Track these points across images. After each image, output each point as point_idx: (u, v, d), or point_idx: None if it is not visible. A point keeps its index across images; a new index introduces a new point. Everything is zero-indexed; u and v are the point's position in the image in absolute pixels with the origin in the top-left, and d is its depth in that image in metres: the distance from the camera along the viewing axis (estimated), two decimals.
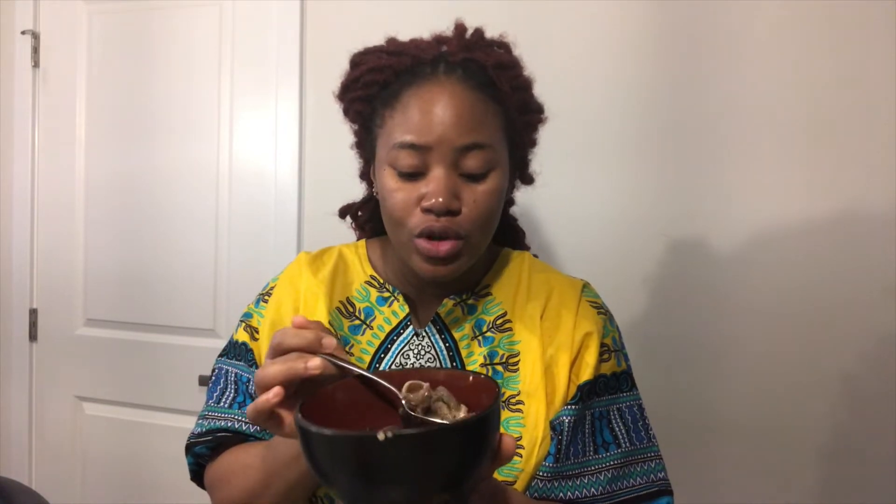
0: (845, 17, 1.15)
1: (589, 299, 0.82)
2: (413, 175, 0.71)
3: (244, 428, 0.78)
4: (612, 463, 0.76)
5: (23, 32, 1.71)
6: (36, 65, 1.72)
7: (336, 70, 0.81)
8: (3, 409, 1.79)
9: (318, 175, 1.51)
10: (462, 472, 0.48)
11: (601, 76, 1.28)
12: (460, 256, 0.72)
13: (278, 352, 0.58)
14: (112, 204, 1.67)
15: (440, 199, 0.68)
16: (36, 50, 1.72)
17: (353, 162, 1.51)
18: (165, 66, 1.61)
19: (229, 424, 0.78)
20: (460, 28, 0.76)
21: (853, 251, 1.16)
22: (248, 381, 0.81)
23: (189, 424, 1.71)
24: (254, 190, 1.55)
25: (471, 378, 0.59)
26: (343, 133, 0.86)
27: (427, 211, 0.70)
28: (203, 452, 0.81)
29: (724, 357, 1.23)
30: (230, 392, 0.81)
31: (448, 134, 0.69)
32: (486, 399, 0.54)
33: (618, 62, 1.27)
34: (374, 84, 0.75)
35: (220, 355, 0.85)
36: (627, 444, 0.77)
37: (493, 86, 0.73)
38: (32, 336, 1.76)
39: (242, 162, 1.57)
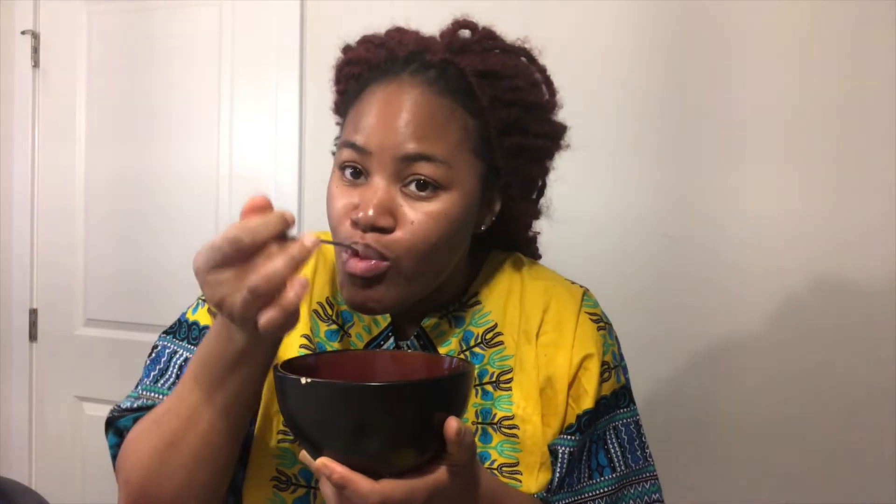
0: (845, 17, 1.15)
1: (588, 310, 0.74)
2: (354, 181, 0.63)
3: None
4: (605, 489, 0.70)
5: (23, 32, 1.71)
6: (36, 65, 1.72)
7: None
8: (3, 409, 1.79)
9: (318, 175, 1.50)
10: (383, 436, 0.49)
11: (602, 77, 1.28)
12: (382, 283, 0.62)
13: (248, 249, 0.50)
14: (112, 204, 1.67)
15: (368, 213, 0.59)
16: (36, 50, 1.71)
17: None
18: (165, 66, 1.61)
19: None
20: (456, 25, 0.68)
21: (854, 250, 1.16)
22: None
23: None
24: (254, 190, 1.55)
25: (448, 363, 0.59)
26: None
27: (354, 224, 0.61)
28: (129, 425, 0.69)
29: (725, 356, 1.23)
30: (171, 375, 0.71)
31: (392, 139, 0.60)
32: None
33: (619, 63, 1.27)
34: (350, 77, 0.69)
35: (167, 333, 0.74)
36: (623, 468, 0.72)
37: (471, 95, 0.64)
38: (32, 336, 1.76)
39: (242, 162, 1.56)
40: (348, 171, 0.64)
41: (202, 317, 0.73)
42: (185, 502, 0.60)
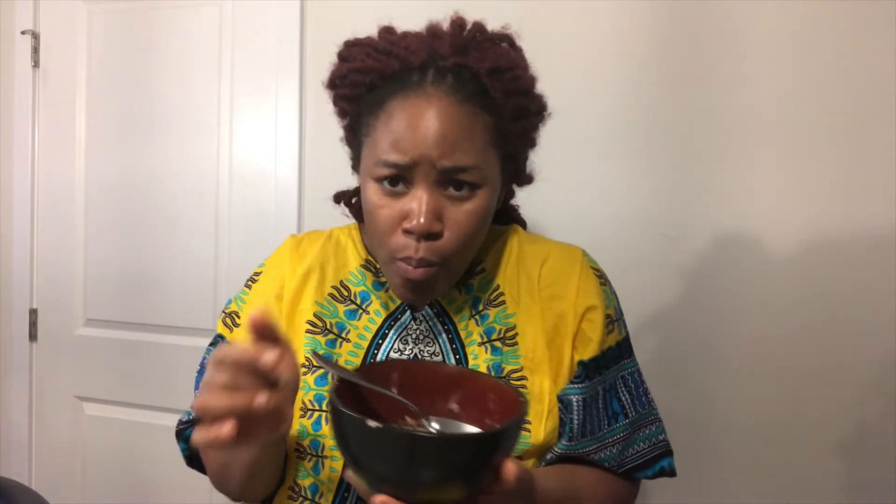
0: (845, 17, 1.15)
1: (591, 265, 0.81)
2: (396, 190, 0.69)
3: None
4: (621, 435, 0.78)
5: (23, 32, 1.71)
6: (36, 65, 1.72)
7: None
8: (3, 409, 1.79)
9: (318, 175, 1.50)
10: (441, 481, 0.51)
11: (602, 75, 1.28)
12: (436, 282, 0.71)
13: (223, 372, 0.53)
14: (112, 204, 1.67)
15: (421, 221, 0.67)
16: (36, 50, 1.71)
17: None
18: (165, 67, 1.61)
19: None
20: (456, 24, 0.71)
21: (854, 250, 1.16)
22: None
23: None
24: (254, 190, 1.55)
25: (502, 393, 0.62)
26: (343, 133, 0.85)
27: (407, 232, 0.68)
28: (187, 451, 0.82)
29: (725, 355, 1.23)
30: None
31: (431, 154, 0.66)
32: (497, 411, 0.59)
33: (619, 61, 1.27)
34: (360, 85, 0.72)
35: (210, 344, 0.86)
36: (633, 413, 0.79)
37: (486, 94, 0.69)
38: (32, 336, 1.76)
39: (242, 162, 1.56)
40: (387, 182, 0.69)
41: (220, 327, 0.85)
42: (250, 490, 0.74)
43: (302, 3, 1.50)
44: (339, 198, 0.90)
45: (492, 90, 0.69)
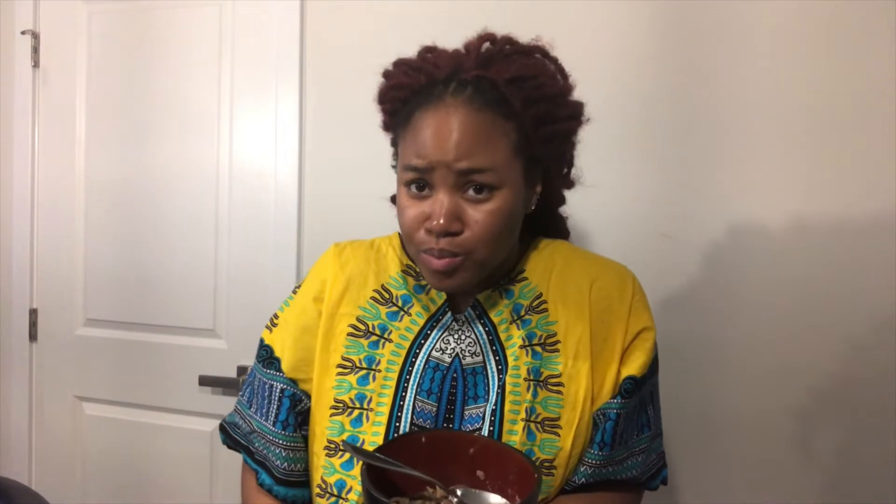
0: (846, 17, 1.15)
1: (641, 287, 0.86)
2: (421, 194, 0.75)
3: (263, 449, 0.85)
4: (644, 445, 0.84)
5: (23, 32, 1.71)
6: (36, 65, 1.72)
7: (336, 70, 0.81)
8: (3, 409, 1.79)
9: (318, 175, 1.50)
10: None
11: (603, 75, 1.28)
12: (460, 271, 0.75)
13: None
14: (112, 204, 1.67)
15: (440, 222, 0.72)
16: (36, 50, 1.71)
17: (352, 161, 1.52)
18: (165, 66, 1.61)
19: (249, 438, 0.87)
20: (483, 38, 0.76)
21: (854, 250, 1.16)
22: (264, 385, 0.85)
23: (189, 424, 1.70)
24: (254, 190, 1.55)
25: (512, 456, 0.66)
26: (343, 133, 0.86)
27: (428, 231, 0.74)
28: (226, 442, 0.90)
29: (725, 356, 1.24)
30: (257, 398, 0.87)
31: (447, 157, 0.71)
32: (519, 482, 0.63)
33: (620, 61, 1.27)
34: (396, 100, 0.78)
35: (258, 351, 0.89)
36: (653, 426, 0.86)
37: (506, 103, 0.73)
38: (32, 336, 1.76)
39: (242, 162, 1.57)
40: (413, 186, 0.75)
41: (264, 332, 0.89)
42: None
43: (302, 3, 1.50)
44: (395, 199, 0.95)
45: (510, 98, 0.72)
